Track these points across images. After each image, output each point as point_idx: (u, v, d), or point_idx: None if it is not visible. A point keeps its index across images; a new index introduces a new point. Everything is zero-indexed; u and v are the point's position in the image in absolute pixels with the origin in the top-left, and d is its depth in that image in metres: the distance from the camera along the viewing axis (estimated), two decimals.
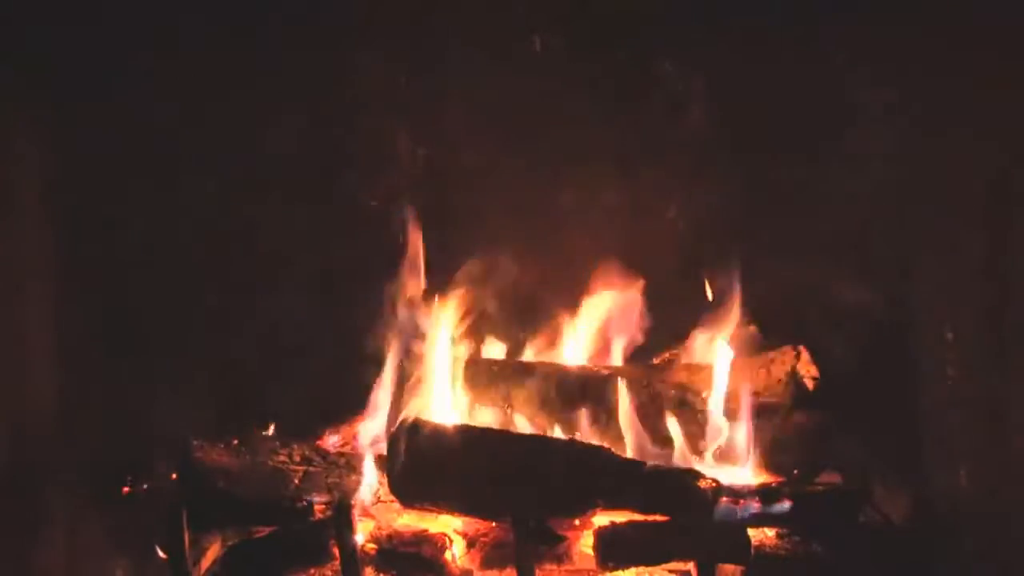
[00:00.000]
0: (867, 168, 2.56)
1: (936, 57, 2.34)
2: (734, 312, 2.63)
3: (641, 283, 2.69)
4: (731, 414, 2.51)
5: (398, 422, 2.38)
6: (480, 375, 2.60)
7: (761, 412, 2.50)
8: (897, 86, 2.47)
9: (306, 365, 2.67)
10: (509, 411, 2.57)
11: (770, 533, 2.35)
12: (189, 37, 2.55)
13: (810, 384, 2.55)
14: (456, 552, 2.32)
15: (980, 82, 2.23)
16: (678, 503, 2.26)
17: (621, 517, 2.28)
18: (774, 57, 2.63)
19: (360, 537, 2.25)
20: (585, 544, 2.30)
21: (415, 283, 2.65)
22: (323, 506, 2.32)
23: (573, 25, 2.68)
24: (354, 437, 2.56)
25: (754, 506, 2.28)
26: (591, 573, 2.27)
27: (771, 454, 2.49)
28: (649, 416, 2.52)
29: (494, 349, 2.72)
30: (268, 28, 2.62)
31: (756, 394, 2.52)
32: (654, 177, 2.70)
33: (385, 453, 2.36)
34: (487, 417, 2.57)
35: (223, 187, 2.64)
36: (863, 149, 2.56)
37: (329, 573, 2.29)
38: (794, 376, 2.54)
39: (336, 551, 2.23)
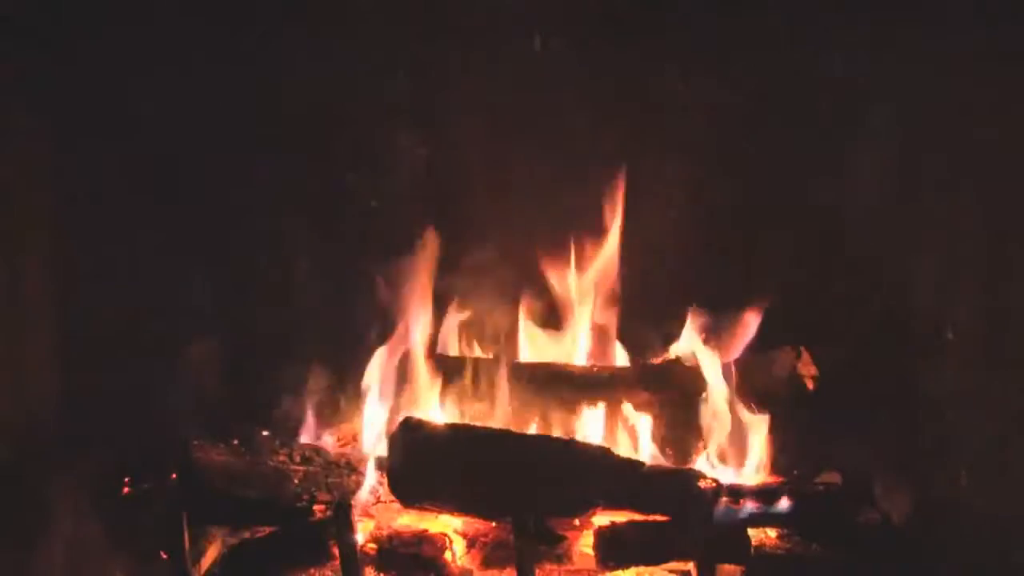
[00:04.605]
0: (868, 169, 2.56)
1: (936, 61, 2.34)
2: (735, 313, 2.64)
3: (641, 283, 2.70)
4: (732, 414, 2.51)
5: (398, 422, 2.38)
6: (481, 375, 2.60)
7: (761, 412, 2.50)
8: (899, 89, 2.47)
9: (307, 364, 2.67)
10: (510, 411, 2.57)
11: (770, 533, 2.35)
12: (188, 37, 2.56)
13: (810, 384, 2.55)
14: (456, 552, 2.31)
15: (981, 85, 2.23)
16: (678, 503, 2.26)
17: (621, 517, 2.28)
18: (774, 59, 2.64)
19: (360, 537, 2.25)
20: (585, 544, 2.30)
21: (418, 283, 2.65)
22: (323, 506, 2.32)
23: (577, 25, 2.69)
24: (354, 437, 2.56)
25: (754, 506, 2.28)
26: (591, 573, 2.27)
27: (771, 454, 2.49)
28: (650, 416, 2.52)
29: (495, 349, 2.72)
30: (268, 27, 2.62)
31: (756, 394, 2.52)
32: (656, 177, 2.70)
33: (385, 453, 2.36)
34: (487, 417, 2.57)
35: (223, 187, 2.65)
36: (863, 150, 2.56)
37: (329, 573, 2.29)
38: (794, 376, 2.54)
39: (336, 551, 2.23)
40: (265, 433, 2.51)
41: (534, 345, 2.73)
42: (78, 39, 2.42)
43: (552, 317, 2.74)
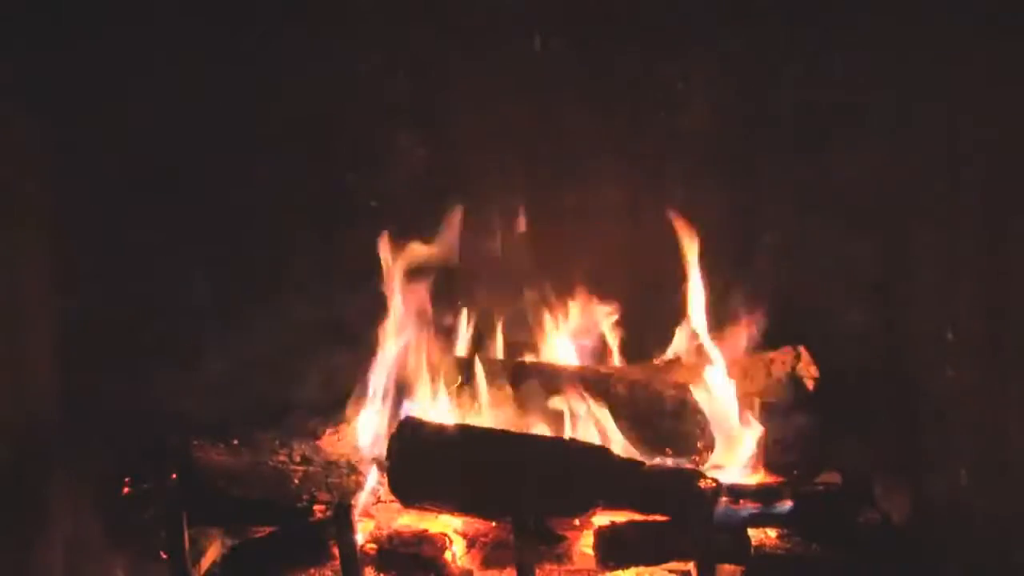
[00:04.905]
0: (867, 169, 2.56)
1: (934, 56, 2.34)
2: (736, 313, 2.64)
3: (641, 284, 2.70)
4: (731, 414, 2.51)
5: (398, 422, 2.38)
6: (481, 375, 2.60)
7: (761, 412, 2.50)
8: (896, 86, 2.47)
9: (307, 364, 2.66)
10: (509, 411, 2.57)
11: (771, 533, 2.35)
12: (188, 37, 2.56)
13: (810, 384, 2.55)
14: (456, 552, 2.32)
15: (979, 81, 2.23)
16: (678, 503, 2.26)
17: (621, 517, 2.28)
18: (770, 59, 2.64)
19: (360, 537, 2.25)
20: (585, 544, 2.30)
21: (418, 283, 2.65)
22: (323, 506, 2.32)
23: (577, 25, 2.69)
24: (354, 437, 2.56)
25: (754, 506, 2.27)
26: (591, 573, 2.27)
27: (771, 454, 2.49)
28: (650, 416, 2.52)
29: (495, 349, 2.72)
30: (268, 27, 2.62)
31: (756, 394, 2.52)
32: (654, 177, 2.70)
33: (385, 453, 2.36)
34: (487, 417, 2.56)
35: (223, 187, 2.65)
36: (863, 150, 2.56)
37: (329, 573, 2.29)
38: (794, 376, 2.54)
39: (336, 551, 2.23)
40: (265, 433, 2.51)
41: (535, 344, 2.73)
42: (78, 39, 2.42)
43: (553, 316, 2.74)
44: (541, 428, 2.52)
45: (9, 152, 2.25)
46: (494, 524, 2.35)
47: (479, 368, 2.60)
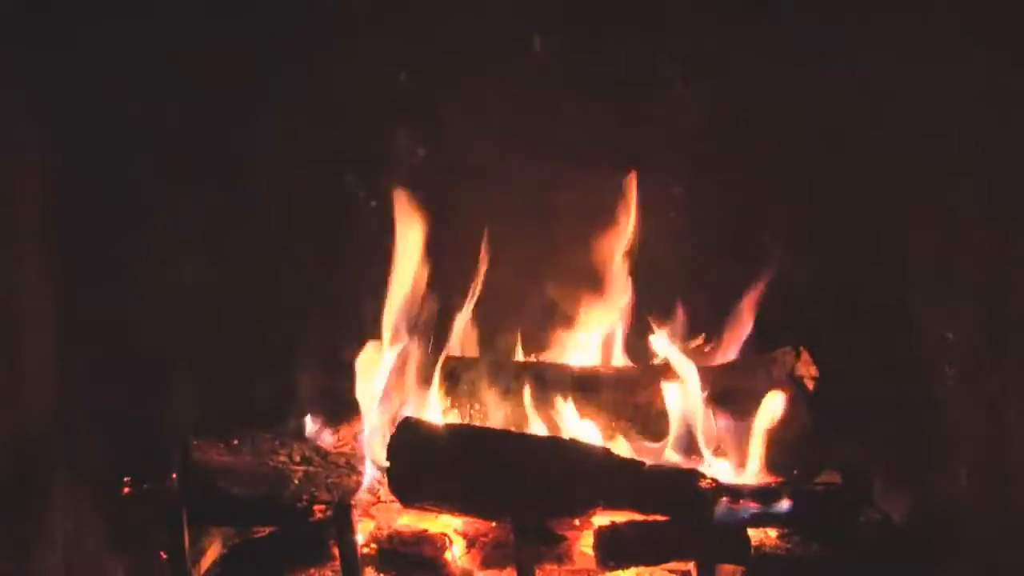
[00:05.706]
0: (868, 168, 2.56)
1: (936, 54, 2.34)
2: (735, 312, 2.64)
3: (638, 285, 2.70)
4: (731, 414, 2.51)
5: (398, 422, 2.38)
6: (481, 375, 2.59)
7: (761, 412, 2.50)
8: (897, 85, 2.47)
9: (307, 365, 2.67)
10: (508, 411, 2.57)
11: (771, 533, 2.35)
12: (188, 37, 2.56)
13: (810, 384, 2.55)
14: (456, 552, 2.32)
15: (982, 81, 2.23)
16: (678, 503, 2.26)
17: (621, 517, 2.28)
18: (771, 58, 2.64)
19: (360, 537, 2.25)
20: (585, 544, 2.30)
21: (417, 282, 2.65)
22: (323, 506, 2.32)
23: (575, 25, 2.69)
24: (354, 437, 2.56)
25: (754, 506, 2.28)
26: (591, 573, 2.28)
27: (771, 454, 2.49)
28: (649, 416, 2.52)
29: (494, 348, 2.72)
30: (267, 26, 2.62)
31: (756, 394, 2.51)
32: (654, 177, 2.70)
33: (385, 453, 2.36)
34: (486, 417, 2.56)
35: (223, 187, 2.65)
36: (864, 149, 2.56)
37: (329, 573, 2.29)
38: (794, 376, 2.54)
39: (336, 551, 2.23)
40: (265, 433, 2.51)
41: (535, 344, 2.73)
42: (78, 38, 2.42)
43: (554, 316, 2.74)
44: (541, 428, 2.52)
45: (9, 152, 2.25)
46: (494, 524, 2.35)
47: (479, 368, 2.60)
